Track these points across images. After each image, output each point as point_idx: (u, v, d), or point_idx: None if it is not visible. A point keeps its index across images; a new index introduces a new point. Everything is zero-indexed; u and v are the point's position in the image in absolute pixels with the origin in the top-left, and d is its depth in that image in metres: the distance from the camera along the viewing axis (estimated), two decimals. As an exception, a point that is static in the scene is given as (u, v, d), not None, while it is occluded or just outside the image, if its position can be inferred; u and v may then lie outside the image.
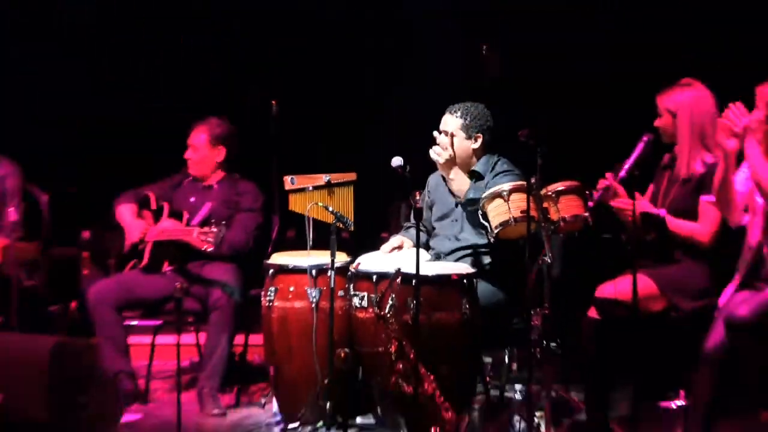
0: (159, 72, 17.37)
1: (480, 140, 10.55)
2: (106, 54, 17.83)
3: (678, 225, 9.51)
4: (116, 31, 17.44)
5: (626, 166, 9.56)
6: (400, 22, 16.58)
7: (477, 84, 11.25)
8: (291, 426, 10.15)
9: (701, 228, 9.49)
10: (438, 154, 10.26)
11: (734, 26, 14.91)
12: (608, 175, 9.68)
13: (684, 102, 9.59)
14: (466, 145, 10.44)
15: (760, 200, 9.02)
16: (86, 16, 17.36)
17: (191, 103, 14.85)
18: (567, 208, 9.71)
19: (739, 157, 9.16)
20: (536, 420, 9.60)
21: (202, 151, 11.48)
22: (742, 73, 10.03)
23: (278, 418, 10.45)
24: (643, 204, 9.66)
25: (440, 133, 10.45)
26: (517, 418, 9.83)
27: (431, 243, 10.58)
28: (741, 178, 9.14)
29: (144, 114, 16.56)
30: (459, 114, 10.51)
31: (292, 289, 10.29)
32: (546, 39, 16.16)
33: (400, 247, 10.41)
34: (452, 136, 10.31)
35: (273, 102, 11.38)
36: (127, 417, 10.67)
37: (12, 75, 17.10)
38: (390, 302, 9.49)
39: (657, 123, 9.79)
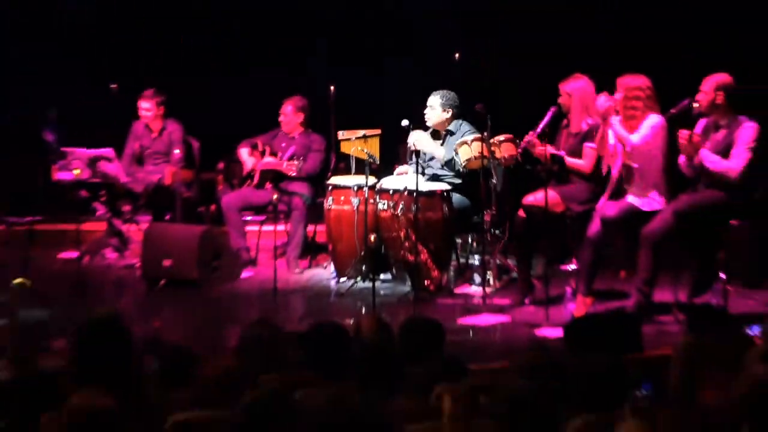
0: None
1: (450, 112, 10.74)
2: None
3: (571, 162, 9.92)
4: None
5: (540, 127, 9.89)
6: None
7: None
8: (341, 279, 10.65)
9: (585, 163, 9.89)
10: (428, 118, 10.74)
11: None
12: (531, 132, 9.96)
13: (575, 87, 9.97)
14: (442, 114, 10.71)
15: (620, 147, 9.40)
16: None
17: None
18: (506, 150, 10.15)
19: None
20: (488, 277, 10.33)
21: (289, 116, 11.59)
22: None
23: (334, 275, 10.83)
24: (551, 149, 9.95)
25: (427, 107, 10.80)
26: (476, 275, 10.48)
27: (426, 171, 10.77)
28: (611, 135, 9.45)
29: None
30: (438, 96, 10.68)
31: (342, 198, 10.69)
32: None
33: (405, 173, 10.79)
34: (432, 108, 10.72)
35: (332, 87, 11.44)
36: (244, 274, 11.14)
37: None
38: (401, 206, 10.15)
39: (560, 100, 10.05)
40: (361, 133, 10.99)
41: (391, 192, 10.45)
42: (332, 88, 11.29)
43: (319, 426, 4.24)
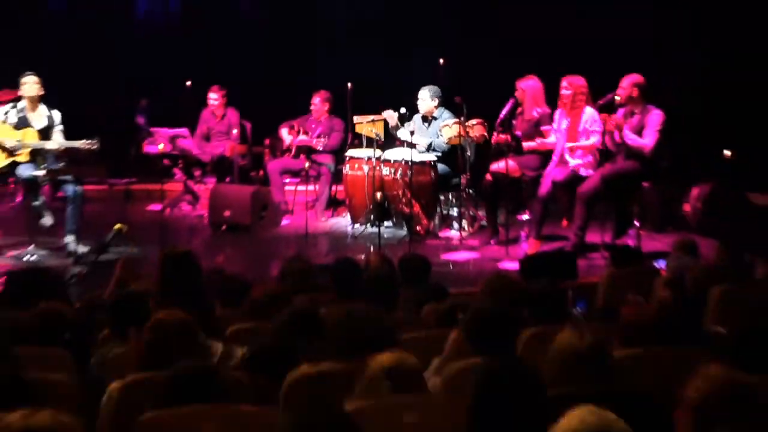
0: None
1: (436, 101, 10.58)
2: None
3: (527, 145, 9.92)
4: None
5: (501, 115, 9.88)
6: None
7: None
8: (356, 226, 10.62)
9: (546, 144, 9.90)
10: (420, 106, 10.63)
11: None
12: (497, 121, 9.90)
13: (528, 85, 9.93)
14: (431, 103, 10.57)
15: (563, 132, 9.58)
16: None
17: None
18: (477, 131, 10.24)
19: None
20: (463, 224, 10.41)
21: (318, 105, 11.40)
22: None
23: (350, 223, 10.82)
24: (515, 133, 9.93)
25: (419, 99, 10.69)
26: (455, 223, 10.46)
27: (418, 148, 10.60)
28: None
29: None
30: (428, 90, 10.59)
31: (356, 166, 10.67)
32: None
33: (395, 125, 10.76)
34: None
35: (349, 85, 11.24)
36: (283, 222, 11.15)
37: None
38: (399, 172, 10.18)
39: (516, 94, 9.95)
40: (370, 118, 10.83)
41: (392, 161, 10.50)
42: (349, 85, 11.14)
43: (336, 331, 4.28)
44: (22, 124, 9.51)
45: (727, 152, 10.22)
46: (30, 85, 9.54)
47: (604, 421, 2.42)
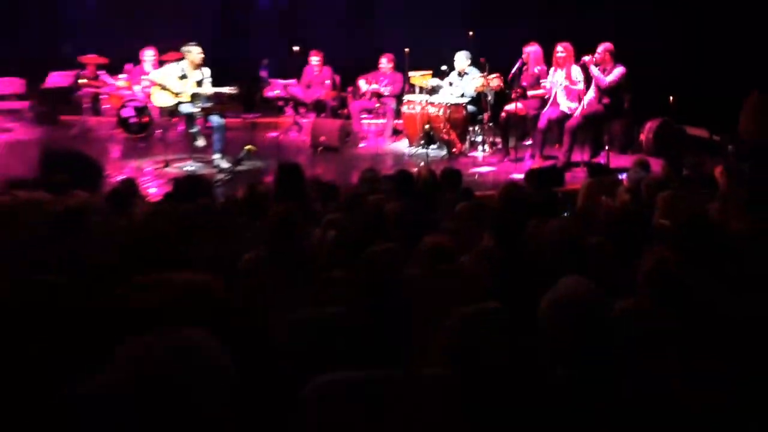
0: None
1: (468, 61, 10.35)
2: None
3: (531, 93, 9.78)
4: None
5: (512, 71, 9.84)
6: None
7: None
8: (411, 148, 10.45)
9: (542, 92, 9.78)
10: (456, 65, 10.45)
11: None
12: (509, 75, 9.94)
13: (531, 49, 9.79)
14: (464, 63, 10.31)
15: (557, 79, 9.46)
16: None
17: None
18: (495, 82, 10.05)
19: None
20: (485, 147, 10.25)
21: (385, 64, 11.26)
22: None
23: (407, 146, 10.60)
24: (522, 84, 9.83)
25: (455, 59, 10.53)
26: (479, 147, 10.23)
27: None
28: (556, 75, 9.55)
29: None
30: (463, 53, 10.36)
31: (412, 106, 10.53)
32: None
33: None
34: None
35: (406, 50, 11.01)
36: (360, 145, 11.01)
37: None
38: (441, 110, 10.15)
39: (523, 56, 9.85)
40: (420, 73, 10.74)
41: (436, 103, 10.34)
42: (407, 50, 10.79)
43: (397, 220, 4.27)
44: (184, 76, 9.62)
45: (671, 98, 10.06)
46: (194, 54, 9.65)
47: (586, 287, 2.38)
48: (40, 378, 2.20)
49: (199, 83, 9.64)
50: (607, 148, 9.51)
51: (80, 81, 11.48)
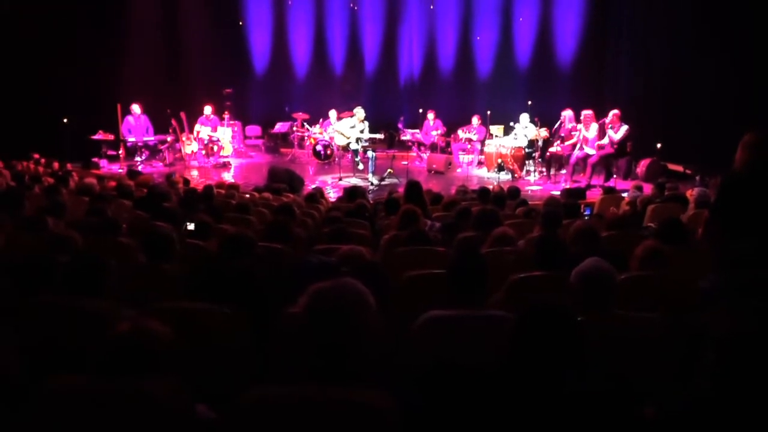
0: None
1: (528, 119, 9.66)
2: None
3: (567, 142, 9.42)
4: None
5: (554, 127, 9.47)
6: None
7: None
8: (489, 172, 9.94)
9: (573, 141, 9.37)
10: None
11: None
12: (552, 129, 9.56)
13: (567, 113, 9.51)
14: (526, 120, 9.74)
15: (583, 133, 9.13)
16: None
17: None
18: (544, 133, 9.67)
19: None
20: (536, 174, 9.76)
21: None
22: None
23: (488, 172, 10.12)
24: (560, 135, 9.55)
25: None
26: (531, 174, 9.76)
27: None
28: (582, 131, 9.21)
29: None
30: (525, 114, 9.75)
31: (490, 146, 10.07)
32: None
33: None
34: None
35: (488, 112, 10.87)
36: (456, 171, 10.65)
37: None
38: (509, 149, 9.88)
39: (561, 117, 9.50)
40: (497, 126, 10.39)
41: (506, 145, 9.95)
42: (488, 112, 10.39)
43: (478, 218, 4.03)
44: (353, 126, 9.81)
45: (658, 144, 9.46)
46: (359, 113, 9.82)
47: (601, 263, 2.24)
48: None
49: (362, 131, 9.86)
50: (614, 176, 9.17)
51: (293, 128, 11.52)
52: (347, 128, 10.00)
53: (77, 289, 2.17)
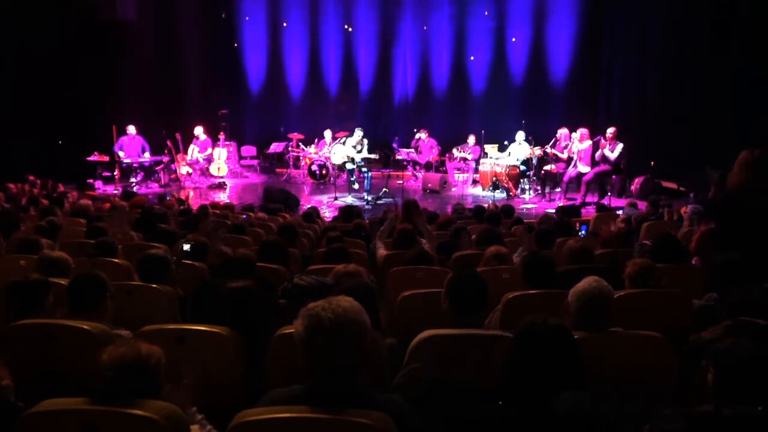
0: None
1: (522, 138, 9.70)
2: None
3: (561, 158, 9.46)
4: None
5: (549, 145, 9.41)
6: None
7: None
8: (484, 191, 9.94)
9: (566, 158, 9.37)
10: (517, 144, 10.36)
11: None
12: (547, 146, 9.56)
13: (562, 131, 9.51)
14: (520, 139, 9.79)
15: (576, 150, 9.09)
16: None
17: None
18: (539, 152, 9.67)
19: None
20: (530, 192, 9.96)
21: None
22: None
23: (482, 191, 10.09)
24: (556, 155, 9.50)
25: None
26: (525, 192, 9.77)
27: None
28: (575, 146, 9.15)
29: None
30: (519, 132, 9.79)
31: (485, 164, 10.01)
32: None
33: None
34: None
35: (483, 131, 10.99)
36: (451, 190, 10.60)
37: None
38: (503, 168, 9.82)
39: (557, 135, 9.47)
40: (491, 145, 10.38)
41: (500, 164, 9.89)
42: (483, 131, 10.39)
43: (478, 236, 4.09)
44: (348, 146, 9.89)
45: (652, 162, 9.51)
46: (357, 134, 9.93)
47: (599, 283, 2.21)
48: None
49: (359, 151, 9.91)
50: (609, 194, 9.14)
51: (288, 148, 11.44)
52: (350, 147, 10.15)
53: (76, 309, 2.17)
